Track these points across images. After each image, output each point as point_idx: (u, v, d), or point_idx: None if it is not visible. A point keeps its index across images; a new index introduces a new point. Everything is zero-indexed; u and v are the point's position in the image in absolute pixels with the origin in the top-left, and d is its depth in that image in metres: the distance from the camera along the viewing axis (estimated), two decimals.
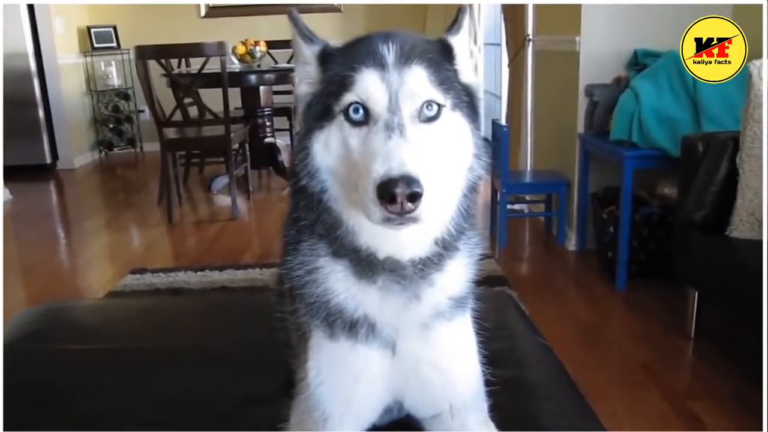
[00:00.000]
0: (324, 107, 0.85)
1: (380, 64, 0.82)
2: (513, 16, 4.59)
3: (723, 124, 2.84)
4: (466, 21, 0.93)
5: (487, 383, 1.00)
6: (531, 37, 4.37)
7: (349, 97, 0.81)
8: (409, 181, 0.71)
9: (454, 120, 0.85)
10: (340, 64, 0.85)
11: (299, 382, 0.94)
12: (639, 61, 3.34)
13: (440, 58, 0.88)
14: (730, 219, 2.37)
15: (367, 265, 0.87)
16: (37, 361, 1.33)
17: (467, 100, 0.88)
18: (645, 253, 3.16)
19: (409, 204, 0.72)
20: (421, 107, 0.82)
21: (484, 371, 1.00)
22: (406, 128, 0.78)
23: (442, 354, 0.93)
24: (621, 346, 2.72)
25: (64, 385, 1.23)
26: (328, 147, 0.84)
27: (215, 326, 1.46)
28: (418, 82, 0.82)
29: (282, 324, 1.07)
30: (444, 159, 0.82)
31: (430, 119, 0.83)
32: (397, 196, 0.71)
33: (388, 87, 0.80)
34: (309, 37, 0.90)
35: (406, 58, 0.82)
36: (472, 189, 0.89)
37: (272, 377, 1.16)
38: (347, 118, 0.81)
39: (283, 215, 0.95)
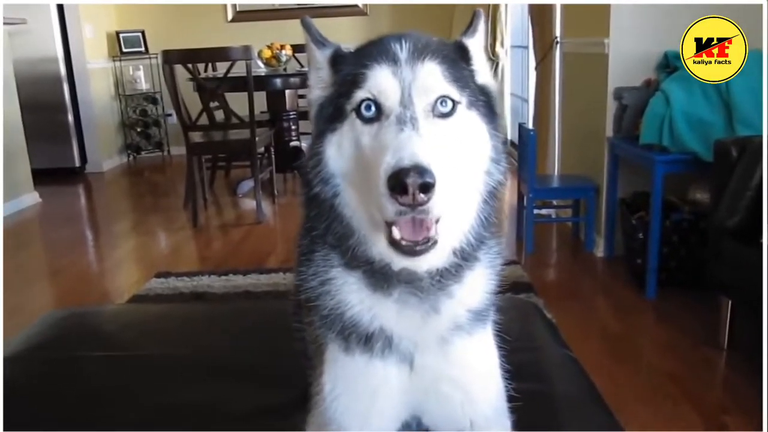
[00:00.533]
0: (336, 108, 0.83)
1: (392, 60, 0.80)
2: (540, 18, 4.53)
3: (756, 127, 2.75)
4: (481, 24, 0.92)
5: (511, 398, 0.97)
6: (559, 39, 4.31)
7: (360, 94, 0.80)
8: (421, 170, 0.69)
9: (470, 119, 0.83)
10: (351, 64, 0.84)
11: (315, 395, 0.92)
12: (670, 64, 3.26)
13: (455, 57, 0.87)
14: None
15: (381, 277, 0.84)
16: (54, 367, 1.31)
17: (484, 100, 0.86)
18: (675, 261, 3.08)
19: (422, 195, 0.70)
20: (436, 102, 0.80)
21: (507, 385, 0.96)
22: (419, 122, 0.77)
23: (463, 369, 0.89)
24: (650, 357, 2.64)
25: (75, 392, 1.22)
26: (341, 149, 0.82)
27: (233, 334, 1.44)
28: (431, 77, 0.80)
29: (299, 334, 1.04)
30: (459, 158, 0.80)
31: (445, 115, 0.81)
32: (408, 186, 0.69)
33: (401, 82, 0.79)
34: (321, 41, 0.89)
35: (419, 54, 0.81)
36: (492, 195, 0.85)
37: (289, 388, 1.13)
38: (359, 115, 0.80)
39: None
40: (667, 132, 2.95)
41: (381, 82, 0.79)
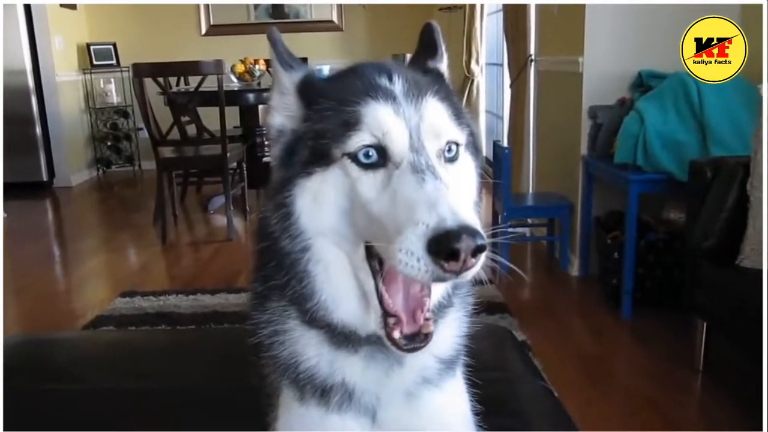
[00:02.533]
0: (314, 151, 0.73)
1: (390, 96, 0.72)
2: (515, 35, 4.52)
3: (731, 148, 2.75)
4: (443, 45, 0.86)
5: None
6: (533, 57, 4.31)
7: (359, 138, 0.70)
8: (472, 232, 0.61)
9: (466, 161, 0.78)
10: (332, 99, 0.73)
11: None
12: (644, 83, 3.26)
13: (446, 90, 0.80)
14: (740, 248, 2.27)
15: (344, 338, 0.77)
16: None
17: (471, 138, 0.80)
18: (651, 281, 3.06)
19: (473, 260, 0.62)
20: (446, 147, 0.73)
21: (479, 425, 0.90)
22: (437, 170, 0.68)
23: (431, 421, 0.83)
24: (626, 379, 2.60)
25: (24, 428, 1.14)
26: (321, 199, 0.72)
27: (194, 363, 1.36)
28: (439, 117, 0.73)
29: (258, 369, 0.98)
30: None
31: (452, 159, 0.75)
32: (461, 252, 0.61)
33: (406, 122, 0.71)
34: (288, 62, 0.79)
35: (417, 89, 0.73)
36: None
37: (247, 424, 1.06)
38: (355, 160, 0.70)
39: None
40: (641, 151, 2.94)
41: (385, 122, 0.70)
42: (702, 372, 2.52)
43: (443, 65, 0.84)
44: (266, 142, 5.62)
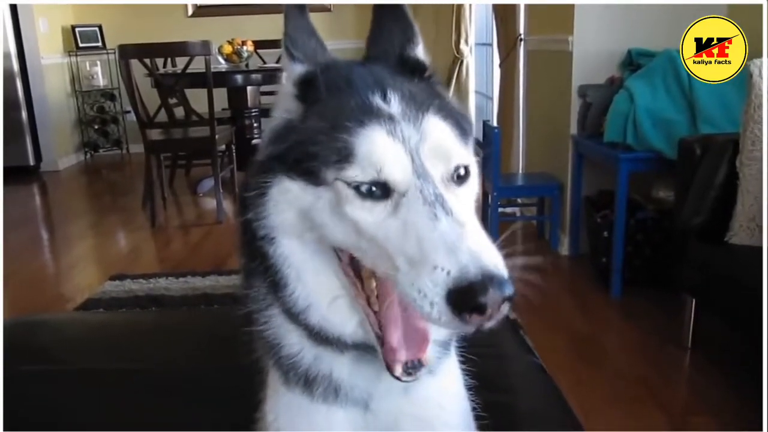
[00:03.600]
0: (301, 165, 0.67)
1: (385, 118, 0.65)
2: (504, 15, 4.49)
3: (720, 125, 2.75)
4: (417, 28, 0.78)
5: (476, 413, 0.91)
6: (523, 36, 4.28)
7: (353, 173, 0.63)
8: (500, 282, 0.56)
9: (474, 177, 0.71)
10: (325, 119, 0.67)
11: (259, 419, 0.84)
12: (633, 61, 3.25)
13: (439, 93, 0.74)
14: (729, 225, 2.28)
15: (325, 340, 0.74)
16: None
17: (475, 146, 0.75)
18: (640, 259, 3.07)
19: (500, 311, 0.57)
20: (454, 171, 0.67)
21: (473, 402, 0.90)
22: (446, 200, 0.62)
23: (426, 405, 0.81)
24: (616, 357, 2.62)
25: (16, 410, 1.13)
26: (294, 204, 0.67)
27: (185, 344, 1.35)
28: (444, 139, 0.67)
29: (250, 347, 0.97)
30: None
31: (461, 179, 0.68)
32: (487, 307, 0.55)
33: (405, 144, 0.64)
34: (292, 50, 0.73)
35: (416, 106, 0.67)
36: None
37: (235, 403, 1.06)
38: (354, 189, 0.64)
39: None
40: (631, 130, 2.93)
41: (380, 156, 0.63)
42: (691, 349, 2.53)
43: (420, 50, 0.78)
44: (255, 124, 5.61)
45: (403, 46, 0.77)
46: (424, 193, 0.62)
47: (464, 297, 0.55)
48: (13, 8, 6.34)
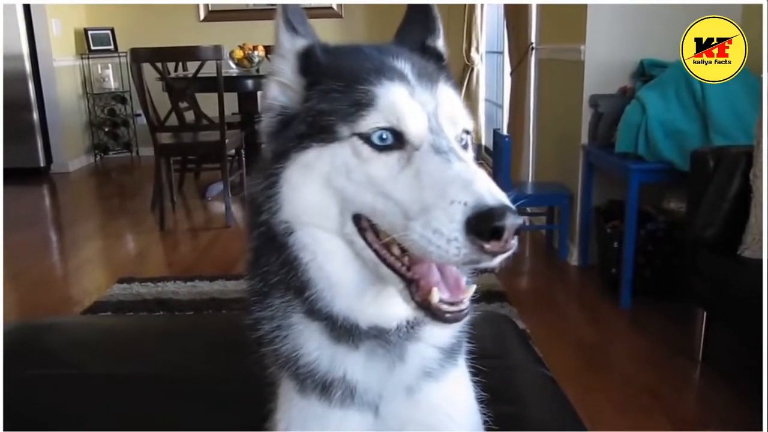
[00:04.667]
0: (315, 126, 0.69)
1: (404, 79, 0.69)
2: (516, 23, 4.49)
3: (732, 137, 2.74)
4: (440, 24, 0.84)
5: (486, 424, 0.90)
6: (534, 45, 4.28)
7: (374, 119, 0.67)
8: (514, 212, 0.59)
9: (470, 150, 0.76)
10: (340, 77, 0.70)
11: (269, 429, 0.83)
12: (646, 72, 3.24)
13: (451, 76, 0.78)
14: (741, 238, 2.26)
15: (345, 332, 0.74)
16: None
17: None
18: (650, 270, 3.05)
19: (513, 240, 0.59)
20: (461, 135, 0.72)
21: (482, 413, 0.89)
22: (459, 153, 0.66)
23: (434, 413, 0.81)
24: (625, 368, 2.60)
25: (23, 414, 1.13)
26: (310, 173, 0.69)
27: (191, 349, 1.34)
28: (453, 104, 0.72)
29: (259, 357, 0.96)
30: None
31: (464, 148, 0.72)
32: (505, 229, 0.58)
33: (423, 107, 0.68)
34: (293, 24, 0.74)
35: (429, 76, 0.71)
36: None
37: (244, 410, 1.05)
38: (368, 141, 0.67)
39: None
40: (642, 140, 2.92)
41: (401, 105, 0.67)
42: (701, 362, 2.51)
43: (441, 42, 0.82)
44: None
45: (426, 36, 0.82)
46: (436, 145, 0.66)
47: (484, 221, 0.58)
48: (27, 10, 6.38)
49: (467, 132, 0.74)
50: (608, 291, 3.19)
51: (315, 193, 0.69)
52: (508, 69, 4.85)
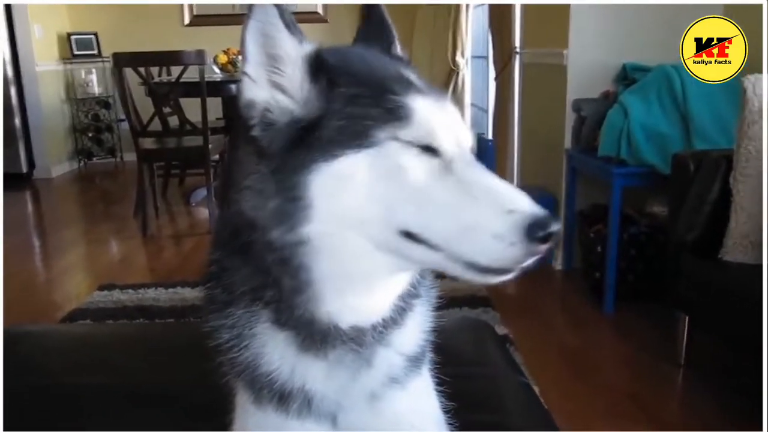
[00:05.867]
0: (346, 131, 0.66)
1: (428, 94, 0.71)
2: (500, 28, 4.49)
3: (714, 141, 2.74)
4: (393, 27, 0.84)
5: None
6: (518, 50, 4.28)
7: (412, 134, 0.66)
8: (557, 219, 0.66)
9: None
10: (364, 84, 0.68)
11: None
12: (628, 76, 3.24)
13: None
14: (723, 241, 2.26)
15: (318, 339, 0.73)
16: None
17: None
18: (633, 274, 3.05)
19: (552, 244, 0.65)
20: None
21: (453, 422, 0.87)
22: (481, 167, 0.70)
23: (396, 423, 0.79)
24: (608, 373, 2.59)
25: None
26: (350, 183, 0.65)
27: (161, 358, 1.32)
28: (459, 116, 0.74)
29: (216, 365, 0.94)
30: None
31: None
32: (553, 235, 0.64)
33: (452, 122, 0.72)
34: (298, 30, 0.69)
35: (432, 87, 0.74)
36: None
37: (209, 422, 1.03)
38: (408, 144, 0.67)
39: None
40: (625, 144, 2.92)
41: (436, 121, 0.69)
42: (684, 366, 2.51)
43: (398, 46, 0.83)
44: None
45: (389, 44, 0.82)
46: (465, 158, 0.69)
47: (542, 228, 0.63)
48: (8, 14, 6.31)
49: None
50: (591, 295, 3.19)
51: (354, 205, 0.66)
52: (492, 73, 4.85)
